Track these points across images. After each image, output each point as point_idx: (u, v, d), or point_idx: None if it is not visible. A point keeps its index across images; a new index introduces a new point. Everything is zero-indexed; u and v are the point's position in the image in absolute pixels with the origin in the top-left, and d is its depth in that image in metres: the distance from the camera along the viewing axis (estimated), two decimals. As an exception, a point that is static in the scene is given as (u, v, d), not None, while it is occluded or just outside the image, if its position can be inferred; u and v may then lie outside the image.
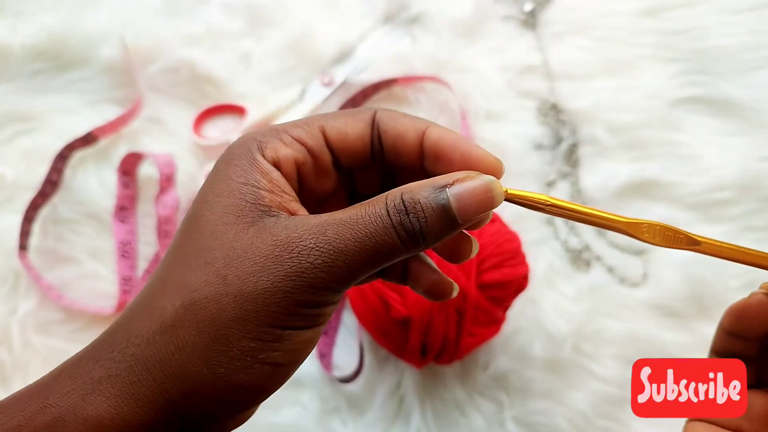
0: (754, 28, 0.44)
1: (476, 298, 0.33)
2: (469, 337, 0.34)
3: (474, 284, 0.33)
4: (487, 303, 0.34)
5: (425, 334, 0.34)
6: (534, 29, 0.46)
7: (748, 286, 0.42)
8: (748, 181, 0.42)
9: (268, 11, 0.45)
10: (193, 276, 0.18)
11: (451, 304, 0.33)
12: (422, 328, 0.33)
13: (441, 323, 0.33)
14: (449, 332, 0.33)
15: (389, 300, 0.33)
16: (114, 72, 0.44)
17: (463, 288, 0.32)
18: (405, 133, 0.20)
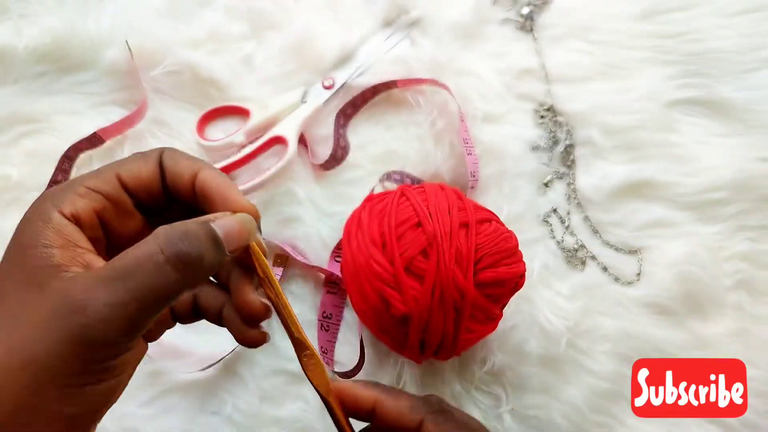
0: (750, 30, 0.43)
1: (473, 296, 0.32)
2: (467, 334, 0.34)
3: (471, 282, 0.32)
4: (484, 301, 0.33)
5: (424, 331, 0.33)
6: (531, 32, 0.45)
7: (740, 285, 0.41)
8: (743, 182, 0.41)
9: (270, 15, 0.44)
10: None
11: (449, 302, 0.32)
12: (421, 325, 0.32)
13: (439, 320, 0.32)
14: (447, 329, 0.33)
15: (389, 298, 0.32)
16: (118, 74, 0.43)
17: (461, 286, 0.32)
18: (181, 174, 0.21)
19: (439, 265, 0.31)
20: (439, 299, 0.31)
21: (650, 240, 0.42)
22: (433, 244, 0.31)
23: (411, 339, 0.33)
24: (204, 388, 0.39)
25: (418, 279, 0.32)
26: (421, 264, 0.31)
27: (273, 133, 0.41)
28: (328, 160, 0.42)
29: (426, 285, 0.31)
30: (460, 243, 0.31)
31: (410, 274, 0.32)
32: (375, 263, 0.32)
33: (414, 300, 0.32)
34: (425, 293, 0.31)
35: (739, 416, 0.35)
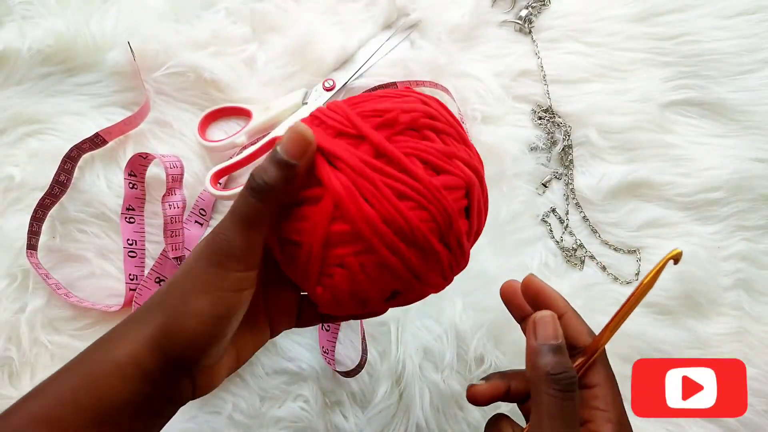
0: (746, 32, 0.43)
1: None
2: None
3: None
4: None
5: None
6: (530, 35, 0.45)
7: (739, 284, 0.40)
8: (740, 182, 0.41)
9: (272, 18, 0.44)
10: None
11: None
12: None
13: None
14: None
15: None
16: (120, 76, 0.42)
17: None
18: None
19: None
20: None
21: (648, 240, 0.41)
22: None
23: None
24: (204, 388, 0.39)
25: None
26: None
27: (274, 134, 0.41)
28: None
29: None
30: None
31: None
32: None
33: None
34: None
35: (739, 416, 0.34)
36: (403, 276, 0.24)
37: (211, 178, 0.39)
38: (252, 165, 0.41)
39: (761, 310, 0.40)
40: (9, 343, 0.38)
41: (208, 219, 0.42)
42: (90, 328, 0.39)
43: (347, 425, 0.38)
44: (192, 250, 0.25)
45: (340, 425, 0.38)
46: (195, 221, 0.41)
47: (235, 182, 0.42)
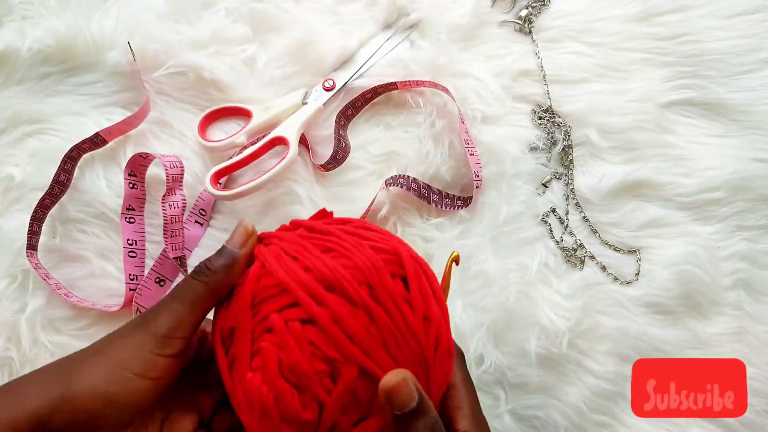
0: (746, 32, 0.43)
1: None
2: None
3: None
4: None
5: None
6: (530, 35, 0.45)
7: (739, 284, 0.40)
8: (740, 182, 0.41)
9: (272, 18, 0.44)
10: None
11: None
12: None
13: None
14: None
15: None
16: (120, 76, 0.42)
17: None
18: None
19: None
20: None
21: (648, 240, 0.41)
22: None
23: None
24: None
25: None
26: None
27: (274, 134, 0.41)
28: (329, 160, 0.41)
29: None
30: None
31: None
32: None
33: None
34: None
35: (738, 416, 0.34)
36: (340, 341, 0.21)
37: (211, 178, 0.39)
38: (252, 165, 0.41)
39: (761, 310, 0.40)
40: (9, 343, 0.38)
41: (208, 219, 0.42)
42: (90, 328, 0.39)
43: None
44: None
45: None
46: (195, 221, 0.41)
47: (235, 182, 0.42)
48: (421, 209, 0.41)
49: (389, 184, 0.40)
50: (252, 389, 0.21)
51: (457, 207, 0.41)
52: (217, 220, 0.42)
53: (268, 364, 0.21)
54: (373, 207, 0.40)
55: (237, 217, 0.42)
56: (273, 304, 0.22)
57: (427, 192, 0.41)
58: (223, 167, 0.40)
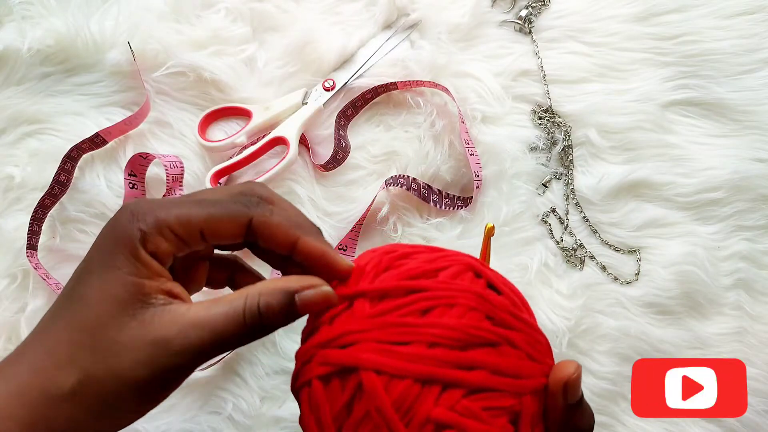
0: (746, 32, 0.43)
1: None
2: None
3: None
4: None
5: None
6: (530, 34, 0.45)
7: (739, 284, 0.40)
8: (740, 182, 0.41)
9: (272, 18, 0.44)
10: (84, 357, 0.20)
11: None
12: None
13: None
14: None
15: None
16: (121, 76, 0.42)
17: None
18: (277, 242, 0.22)
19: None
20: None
21: (648, 240, 0.41)
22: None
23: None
24: (204, 388, 0.39)
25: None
26: None
27: (274, 134, 0.41)
28: (329, 160, 0.41)
29: None
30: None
31: None
32: None
33: None
34: None
35: (739, 416, 0.34)
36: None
37: (211, 178, 0.39)
38: (252, 165, 0.41)
39: (761, 310, 0.40)
40: (9, 343, 0.38)
41: (208, 219, 0.41)
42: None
43: (347, 425, 0.38)
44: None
45: (340, 425, 0.38)
46: (195, 221, 0.41)
47: (234, 182, 0.42)
48: (421, 209, 0.41)
49: (389, 184, 0.40)
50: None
51: (457, 207, 0.41)
52: (217, 220, 0.42)
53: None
54: (373, 207, 0.40)
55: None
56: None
57: (427, 192, 0.41)
58: (223, 167, 0.40)
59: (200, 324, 0.20)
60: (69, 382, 0.20)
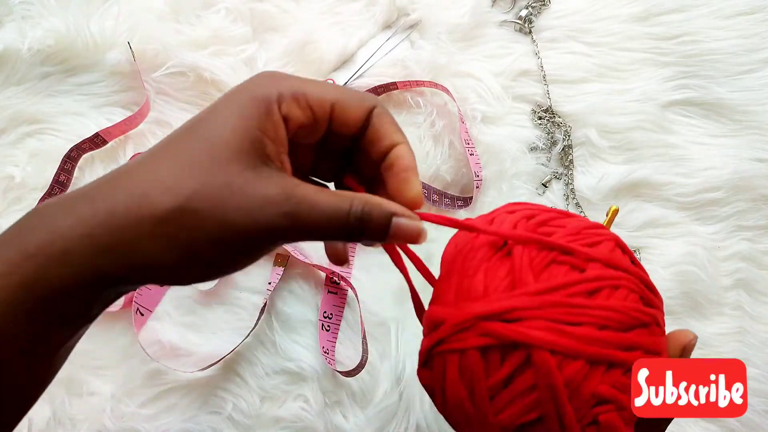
0: (745, 32, 0.43)
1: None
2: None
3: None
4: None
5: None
6: (530, 34, 0.45)
7: (739, 284, 0.40)
8: (740, 182, 0.41)
9: (272, 18, 0.44)
10: (190, 188, 0.19)
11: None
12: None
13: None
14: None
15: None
16: (120, 76, 0.42)
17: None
18: (381, 139, 0.22)
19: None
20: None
21: (648, 240, 0.41)
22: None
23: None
24: (204, 388, 0.39)
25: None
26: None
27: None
28: (329, 160, 0.41)
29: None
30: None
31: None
32: None
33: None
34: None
35: (739, 416, 0.34)
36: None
37: (211, 178, 0.39)
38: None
39: (761, 310, 0.40)
40: (9, 343, 0.38)
41: (208, 219, 0.42)
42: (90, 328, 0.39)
43: (347, 425, 0.38)
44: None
45: (340, 425, 0.38)
46: (195, 221, 0.41)
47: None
48: (421, 209, 0.41)
49: None
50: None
51: (457, 207, 0.41)
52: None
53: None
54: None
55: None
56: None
57: (427, 192, 0.41)
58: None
59: (309, 202, 0.20)
60: (165, 205, 0.19)
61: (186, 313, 0.40)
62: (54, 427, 0.37)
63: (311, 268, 0.40)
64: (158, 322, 0.39)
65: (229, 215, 0.19)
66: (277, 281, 0.39)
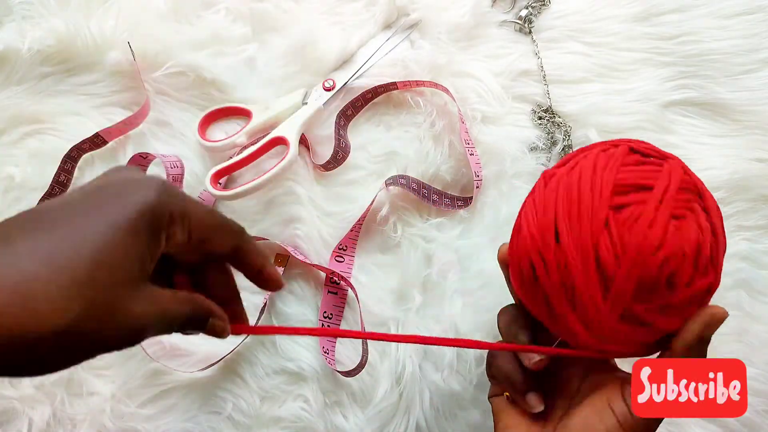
0: (746, 32, 0.43)
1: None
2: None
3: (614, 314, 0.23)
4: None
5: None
6: (530, 35, 0.45)
7: (739, 284, 0.40)
8: (740, 182, 0.41)
9: (272, 18, 0.44)
10: (86, 298, 0.19)
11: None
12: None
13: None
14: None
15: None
16: (120, 76, 0.42)
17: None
18: (251, 264, 0.25)
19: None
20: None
21: (648, 240, 0.41)
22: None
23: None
24: (204, 388, 0.39)
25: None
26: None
27: (274, 134, 0.41)
28: (329, 160, 0.41)
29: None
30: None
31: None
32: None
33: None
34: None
35: (739, 416, 0.34)
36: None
37: (211, 178, 0.39)
38: (252, 165, 0.41)
39: (761, 310, 0.40)
40: (9, 343, 0.38)
41: (208, 219, 0.42)
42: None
43: (347, 425, 0.38)
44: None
45: (340, 425, 0.38)
46: (195, 221, 0.41)
47: (235, 182, 0.42)
48: (421, 209, 0.41)
49: (389, 184, 0.40)
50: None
51: (457, 207, 0.41)
52: (217, 220, 0.42)
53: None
54: (373, 207, 0.40)
55: (237, 217, 0.41)
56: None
57: (427, 192, 0.41)
58: (223, 167, 0.40)
59: (167, 312, 0.22)
60: (54, 325, 0.18)
61: (186, 313, 0.40)
62: (54, 427, 0.37)
63: (311, 268, 0.40)
64: (158, 322, 0.39)
65: (110, 335, 0.20)
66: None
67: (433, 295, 0.39)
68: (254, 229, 0.41)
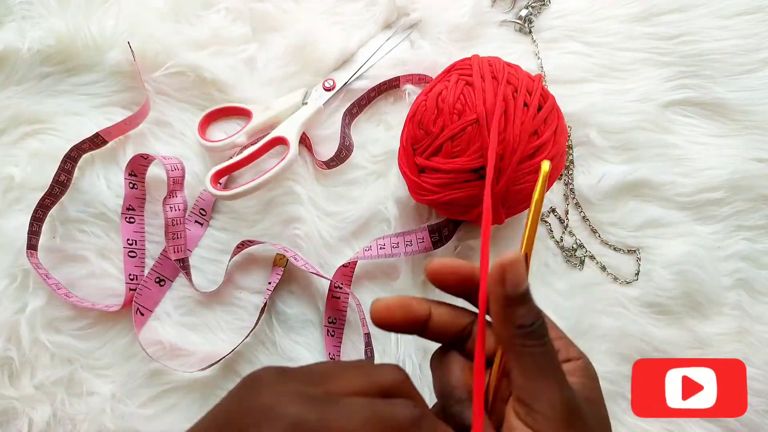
0: (745, 32, 0.43)
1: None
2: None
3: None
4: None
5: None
6: (529, 35, 0.45)
7: (739, 284, 0.40)
8: (739, 182, 0.41)
9: (272, 17, 0.44)
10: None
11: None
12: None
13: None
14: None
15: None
16: (121, 76, 0.42)
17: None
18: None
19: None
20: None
21: (648, 240, 0.41)
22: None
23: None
24: (204, 388, 0.39)
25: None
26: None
27: (274, 133, 0.41)
28: (332, 158, 0.41)
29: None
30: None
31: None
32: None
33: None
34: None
35: (739, 416, 0.34)
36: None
37: (211, 178, 0.39)
38: (252, 165, 0.41)
39: (761, 310, 0.40)
40: (9, 343, 0.38)
41: (208, 219, 0.42)
42: (90, 328, 0.39)
43: (347, 425, 0.38)
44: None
45: (340, 425, 0.38)
46: (195, 221, 0.41)
47: (235, 182, 0.42)
48: (421, 210, 0.41)
49: (357, 259, 0.39)
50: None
51: (433, 244, 0.39)
52: (217, 220, 0.42)
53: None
54: (373, 207, 0.40)
55: (237, 217, 0.42)
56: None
57: (398, 243, 0.39)
58: (223, 167, 0.40)
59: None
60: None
61: (186, 313, 0.40)
62: (54, 427, 0.37)
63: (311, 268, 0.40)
64: (158, 322, 0.39)
65: None
66: (277, 281, 0.39)
67: (432, 295, 0.39)
68: (254, 229, 0.41)
